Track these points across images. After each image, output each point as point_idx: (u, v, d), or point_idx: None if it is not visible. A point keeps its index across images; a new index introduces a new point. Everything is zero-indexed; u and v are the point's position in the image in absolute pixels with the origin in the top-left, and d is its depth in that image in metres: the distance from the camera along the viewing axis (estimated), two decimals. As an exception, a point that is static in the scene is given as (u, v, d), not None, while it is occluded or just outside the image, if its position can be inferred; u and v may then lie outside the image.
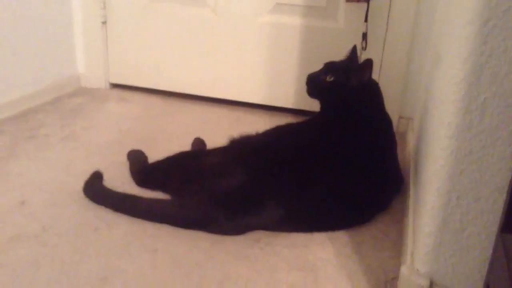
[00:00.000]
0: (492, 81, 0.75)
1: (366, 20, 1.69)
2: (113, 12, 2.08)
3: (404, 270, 0.93)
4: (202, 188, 1.20)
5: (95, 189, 1.27)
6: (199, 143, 1.55)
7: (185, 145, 1.54)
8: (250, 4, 1.91)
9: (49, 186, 1.32)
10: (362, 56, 1.59)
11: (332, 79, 1.36)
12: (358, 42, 1.64)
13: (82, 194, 1.26)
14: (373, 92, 1.39)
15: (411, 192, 1.22)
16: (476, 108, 0.78)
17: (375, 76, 1.72)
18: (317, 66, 1.45)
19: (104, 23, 2.10)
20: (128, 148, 1.48)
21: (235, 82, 2.03)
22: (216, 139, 1.42)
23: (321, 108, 1.43)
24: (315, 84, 1.41)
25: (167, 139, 1.68)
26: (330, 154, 1.24)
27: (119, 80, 2.20)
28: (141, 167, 1.38)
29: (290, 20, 1.89)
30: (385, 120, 1.39)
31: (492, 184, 0.80)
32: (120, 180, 1.36)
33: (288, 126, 1.39)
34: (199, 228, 1.15)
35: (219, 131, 1.47)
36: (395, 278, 0.99)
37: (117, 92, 2.17)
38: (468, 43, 0.76)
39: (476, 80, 0.76)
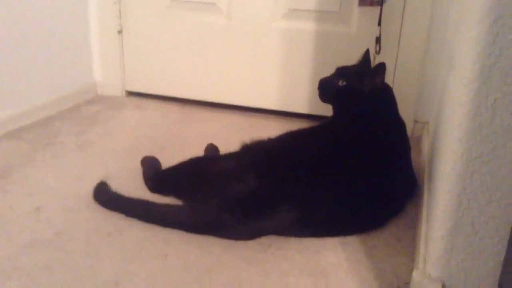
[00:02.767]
0: (502, 81, 0.74)
1: (379, 24, 1.68)
2: (129, 21, 2.11)
3: (415, 274, 0.91)
4: (214, 193, 1.20)
5: (107, 195, 1.28)
6: (212, 149, 1.56)
7: (199, 151, 1.54)
8: (263, 10, 1.92)
9: (64, 192, 1.34)
10: (376, 60, 1.58)
11: (344, 83, 1.36)
12: (371, 46, 1.63)
13: (96, 200, 1.28)
14: (386, 96, 1.38)
15: (425, 196, 1.20)
16: (486, 110, 0.76)
17: (389, 80, 1.71)
18: (331, 71, 1.45)
19: (120, 32, 2.13)
20: (143, 155, 1.49)
21: (249, 88, 2.04)
22: (230, 145, 1.43)
23: (334, 112, 1.43)
24: (327, 89, 1.41)
25: (182, 145, 1.69)
26: (343, 159, 1.23)
27: (135, 88, 2.22)
28: (154, 173, 1.38)
29: (303, 25, 1.89)
30: (399, 124, 1.38)
31: (504, 187, 0.79)
32: (133, 185, 1.37)
33: (300, 131, 1.39)
34: (211, 233, 1.15)
35: (233, 137, 1.48)
36: (408, 283, 0.97)
37: (133, 100, 2.19)
38: (477, 43, 0.75)
39: (486, 81, 0.75)
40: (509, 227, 0.80)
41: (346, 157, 1.23)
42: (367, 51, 1.47)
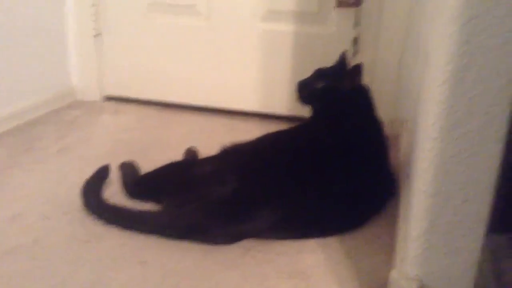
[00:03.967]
0: (476, 80, 0.75)
1: (357, 25, 1.69)
2: (107, 24, 2.09)
3: (394, 274, 0.92)
4: (194, 198, 1.19)
5: (93, 198, 1.26)
6: (191, 152, 1.55)
7: (179, 155, 1.53)
8: (242, 12, 1.91)
9: (43, 198, 1.32)
10: (355, 60, 1.59)
11: (322, 85, 1.36)
12: (350, 46, 1.63)
13: (74, 206, 1.26)
14: (363, 97, 1.39)
15: (403, 195, 1.21)
16: (460, 109, 0.77)
17: (368, 79, 1.71)
18: (311, 72, 1.45)
19: (96, 36, 2.10)
20: (122, 160, 1.47)
21: (228, 90, 2.03)
22: (211, 149, 1.42)
23: (312, 113, 1.43)
24: (305, 90, 1.41)
25: (162, 149, 1.68)
26: (322, 159, 1.23)
27: (114, 92, 2.20)
28: (132, 179, 1.37)
29: (282, 26, 1.89)
30: (377, 124, 1.39)
31: (479, 185, 0.79)
32: (111, 191, 1.35)
33: (279, 133, 1.39)
34: (191, 238, 1.14)
35: (214, 140, 1.47)
36: (386, 283, 0.98)
37: (112, 104, 2.17)
38: (451, 42, 0.75)
39: (460, 80, 0.75)
40: (484, 226, 0.80)
41: (325, 158, 1.23)
42: (344, 52, 1.47)
